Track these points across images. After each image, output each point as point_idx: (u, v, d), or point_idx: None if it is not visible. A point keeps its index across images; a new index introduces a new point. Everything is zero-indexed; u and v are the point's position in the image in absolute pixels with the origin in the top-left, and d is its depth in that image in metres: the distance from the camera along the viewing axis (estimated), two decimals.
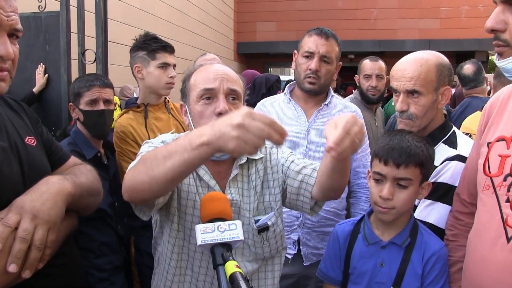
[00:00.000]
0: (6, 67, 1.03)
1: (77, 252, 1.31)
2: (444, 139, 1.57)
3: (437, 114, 1.58)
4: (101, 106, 2.03)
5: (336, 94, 2.16)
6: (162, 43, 2.21)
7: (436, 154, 1.46)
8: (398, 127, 1.59)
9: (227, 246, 0.95)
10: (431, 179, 1.47)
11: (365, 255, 1.40)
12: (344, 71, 3.88)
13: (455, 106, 4.19)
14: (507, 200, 1.13)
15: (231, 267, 0.88)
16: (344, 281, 1.44)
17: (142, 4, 6.00)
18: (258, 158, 1.36)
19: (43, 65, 3.08)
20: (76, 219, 1.24)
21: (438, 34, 10.23)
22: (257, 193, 1.33)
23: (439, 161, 1.50)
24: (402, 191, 1.33)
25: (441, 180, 1.49)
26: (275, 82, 3.54)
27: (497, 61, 1.14)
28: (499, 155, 1.18)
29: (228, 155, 1.29)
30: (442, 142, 1.57)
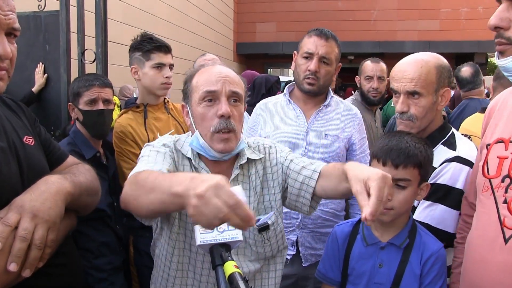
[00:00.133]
0: (4, 66, 1.03)
1: (76, 252, 1.31)
2: (443, 140, 1.57)
3: (437, 115, 1.59)
4: (101, 106, 2.02)
5: (335, 95, 2.16)
6: (156, 43, 2.18)
7: (435, 156, 1.47)
8: (398, 128, 1.59)
9: (226, 247, 0.95)
10: (430, 181, 1.47)
11: (363, 256, 1.41)
12: (344, 72, 3.88)
13: (454, 108, 4.19)
14: (505, 201, 1.13)
15: (230, 267, 0.88)
16: (342, 282, 1.44)
17: (142, 4, 6.00)
18: (258, 159, 1.37)
19: (43, 64, 3.07)
20: (75, 218, 1.24)
21: (438, 35, 10.24)
22: (257, 193, 1.34)
23: (438, 163, 1.51)
24: (400, 192, 1.33)
25: (440, 181, 1.49)
26: (274, 83, 3.54)
27: (497, 60, 1.14)
28: (497, 157, 1.19)
29: (229, 156, 1.30)
30: (441, 143, 1.57)
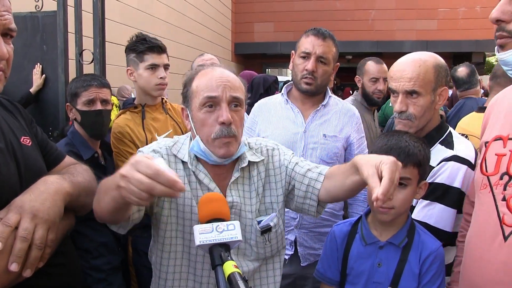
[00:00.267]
0: (1, 67, 1.03)
1: (74, 252, 1.32)
2: (440, 139, 1.58)
3: (434, 114, 1.59)
4: (98, 106, 2.02)
5: (333, 95, 2.16)
6: (149, 44, 2.15)
7: (433, 155, 1.47)
8: (396, 127, 1.59)
9: (226, 247, 0.95)
10: (428, 180, 1.47)
11: (362, 255, 1.41)
12: (342, 72, 3.89)
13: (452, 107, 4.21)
14: (503, 199, 1.14)
15: (229, 267, 0.88)
16: (341, 281, 1.44)
17: (139, 4, 6.00)
18: (259, 161, 1.36)
19: (40, 65, 3.06)
20: (73, 218, 1.24)
21: (436, 35, 10.27)
22: (258, 194, 1.34)
23: (436, 162, 1.51)
24: (401, 191, 1.33)
25: (438, 180, 1.50)
26: (273, 83, 3.55)
27: (497, 54, 1.14)
28: (495, 154, 1.19)
29: (229, 160, 1.29)
30: (438, 143, 1.57)
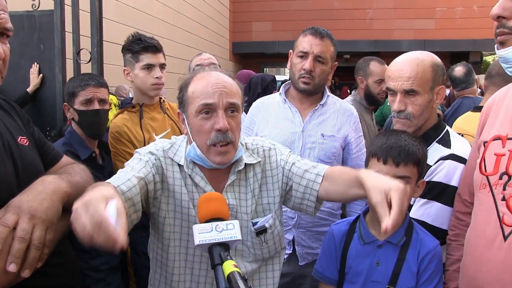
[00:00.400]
0: None
1: (72, 252, 1.32)
2: (438, 138, 1.58)
3: (432, 113, 1.60)
4: (96, 106, 2.02)
5: (331, 94, 2.16)
6: (144, 44, 2.14)
7: (430, 154, 1.48)
8: (394, 127, 1.60)
9: (225, 246, 0.95)
10: (425, 178, 1.48)
11: (361, 255, 1.41)
12: (340, 71, 3.90)
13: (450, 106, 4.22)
14: (503, 199, 1.14)
15: (229, 266, 0.88)
16: (340, 280, 1.45)
17: (137, 3, 5.98)
18: (256, 162, 1.36)
19: (38, 64, 3.04)
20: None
21: (433, 34, 10.29)
22: (255, 196, 1.34)
23: (433, 161, 1.51)
24: None
25: (435, 179, 1.50)
26: (270, 82, 3.54)
27: (497, 51, 1.14)
28: (494, 154, 1.19)
29: (226, 165, 1.28)
30: (436, 141, 1.58)
